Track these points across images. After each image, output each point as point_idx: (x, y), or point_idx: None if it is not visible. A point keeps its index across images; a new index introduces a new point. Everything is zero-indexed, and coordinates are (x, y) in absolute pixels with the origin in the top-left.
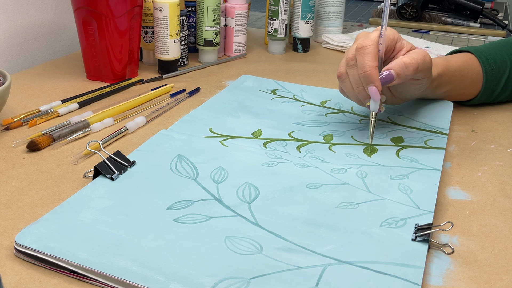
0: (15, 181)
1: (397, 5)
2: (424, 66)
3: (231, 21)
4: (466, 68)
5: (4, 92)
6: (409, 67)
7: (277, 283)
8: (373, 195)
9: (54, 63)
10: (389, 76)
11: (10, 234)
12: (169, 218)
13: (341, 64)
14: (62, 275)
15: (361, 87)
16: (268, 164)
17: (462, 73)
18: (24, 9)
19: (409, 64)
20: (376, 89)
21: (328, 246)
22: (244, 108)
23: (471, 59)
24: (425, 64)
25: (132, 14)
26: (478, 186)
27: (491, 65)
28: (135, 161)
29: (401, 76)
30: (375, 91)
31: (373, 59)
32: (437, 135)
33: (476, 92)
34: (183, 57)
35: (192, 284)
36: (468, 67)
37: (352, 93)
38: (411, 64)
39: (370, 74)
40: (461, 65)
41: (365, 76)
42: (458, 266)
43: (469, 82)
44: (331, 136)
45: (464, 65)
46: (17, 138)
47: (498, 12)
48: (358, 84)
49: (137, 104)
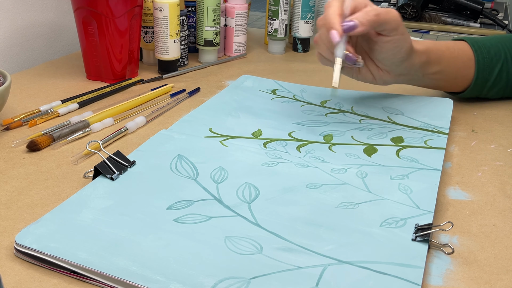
0: (15, 181)
1: (397, 5)
2: (387, 16)
3: (231, 21)
4: (456, 51)
5: (4, 92)
6: (369, 12)
7: (277, 283)
8: (373, 195)
9: (54, 63)
10: (352, 24)
11: (10, 234)
12: (169, 218)
13: None
14: (62, 275)
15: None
16: (268, 164)
17: (452, 54)
18: (24, 9)
19: (370, 11)
20: (335, 32)
21: (328, 246)
22: (244, 108)
23: (463, 44)
24: (388, 14)
25: (132, 14)
26: (478, 186)
27: (484, 54)
28: (135, 161)
29: (364, 22)
30: (334, 34)
31: (336, 12)
32: (437, 134)
33: (469, 78)
34: (183, 57)
35: (192, 284)
36: (459, 50)
37: (326, 53)
38: (372, 10)
39: (331, 21)
40: (450, 47)
41: (327, 23)
42: (458, 266)
43: (460, 65)
44: (331, 136)
45: (454, 47)
46: (17, 138)
47: (498, 12)
48: (328, 38)
49: (137, 104)
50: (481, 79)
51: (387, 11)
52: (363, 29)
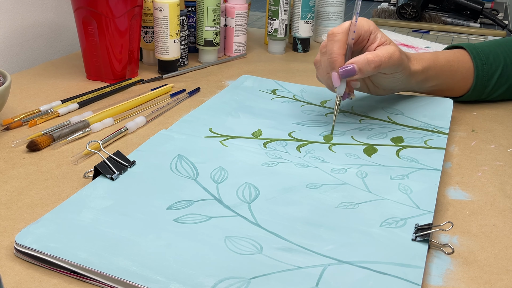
0: (15, 181)
1: (397, 5)
2: (388, 63)
3: (231, 21)
4: (455, 63)
5: (4, 92)
6: (371, 63)
7: (277, 283)
8: (373, 195)
9: (54, 63)
10: (351, 70)
11: (10, 234)
12: (169, 218)
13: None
14: (62, 275)
15: (330, 73)
16: (268, 164)
17: (452, 68)
18: (24, 9)
19: (371, 61)
20: (336, 75)
21: (328, 246)
22: (244, 108)
23: (463, 54)
24: (390, 61)
25: (132, 14)
26: (478, 186)
27: (483, 60)
28: (135, 161)
29: (363, 71)
30: (335, 77)
31: (340, 47)
32: (437, 134)
33: (467, 87)
34: (183, 57)
35: (192, 284)
36: (458, 62)
37: (324, 79)
38: (373, 62)
39: (334, 61)
40: (450, 60)
41: (330, 62)
42: (458, 266)
43: (459, 78)
44: (331, 136)
45: (454, 59)
46: (17, 138)
47: (498, 12)
48: (327, 70)
49: (137, 104)
50: (480, 86)
51: (390, 57)
52: (361, 76)
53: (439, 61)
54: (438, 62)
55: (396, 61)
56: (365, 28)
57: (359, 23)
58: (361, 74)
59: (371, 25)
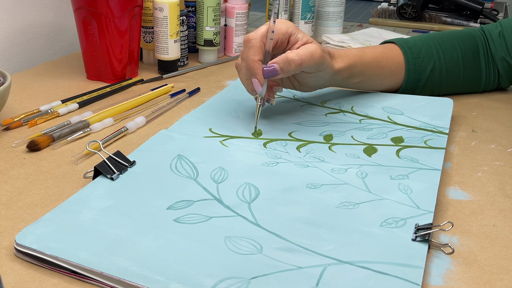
0: (15, 181)
1: (397, 5)
2: (310, 62)
3: (231, 21)
4: (384, 59)
5: (4, 92)
6: (291, 63)
7: (277, 283)
8: (373, 195)
9: (54, 63)
10: (273, 70)
11: (10, 234)
12: (169, 218)
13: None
14: (62, 275)
15: (249, 80)
16: (268, 164)
17: (379, 64)
18: (24, 9)
19: (291, 60)
20: (257, 81)
21: (328, 246)
22: (244, 108)
23: (393, 50)
24: (311, 60)
25: (132, 14)
26: (478, 186)
27: (415, 54)
28: (135, 161)
29: (284, 70)
30: (256, 83)
31: (256, 53)
32: (437, 134)
33: (399, 83)
34: (183, 57)
35: (192, 284)
36: (387, 58)
37: (245, 83)
38: (294, 61)
39: (252, 67)
40: (378, 56)
41: (248, 69)
42: (458, 266)
43: (386, 73)
44: (331, 136)
45: (382, 56)
46: (17, 138)
47: (498, 12)
48: (247, 76)
49: (137, 104)
50: (413, 80)
51: (311, 55)
52: (284, 75)
53: (365, 57)
54: (365, 58)
55: (317, 59)
56: (283, 30)
57: (276, 26)
58: (283, 74)
59: (290, 26)
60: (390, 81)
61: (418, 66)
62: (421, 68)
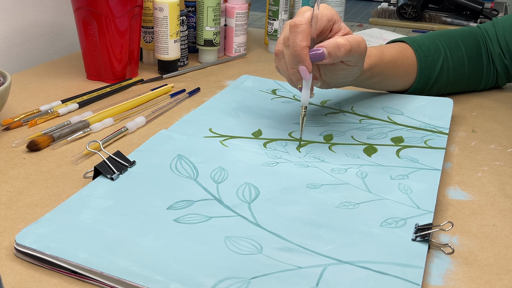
0: (15, 181)
1: (397, 5)
2: (357, 51)
3: (231, 21)
4: (400, 59)
5: (4, 92)
6: (341, 48)
7: (277, 283)
8: (373, 195)
9: (54, 63)
10: (320, 54)
11: (10, 234)
12: (169, 218)
13: (278, 41)
14: (62, 275)
15: (295, 68)
16: (268, 164)
17: (396, 64)
18: (24, 9)
19: (342, 45)
20: (305, 68)
21: (328, 246)
22: (244, 108)
23: (406, 49)
24: (359, 49)
25: (132, 14)
26: (478, 186)
27: (425, 52)
28: (135, 161)
29: (332, 55)
30: (304, 71)
31: (304, 38)
32: (437, 134)
33: (411, 82)
34: (183, 57)
35: (192, 284)
36: (402, 58)
37: (286, 73)
38: (344, 46)
39: (300, 54)
40: (395, 56)
41: (295, 56)
42: (458, 266)
43: (402, 73)
44: (331, 136)
45: (398, 56)
46: (17, 138)
47: (498, 12)
48: (292, 65)
49: (137, 104)
50: (424, 78)
51: (358, 45)
52: (330, 61)
53: (384, 58)
54: (384, 59)
55: (364, 50)
56: (328, 17)
57: (321, 11)
58: (330, 59)
59: (334, 14)
60: (405, 81)
61: (428, 65)
62: (431, 67)
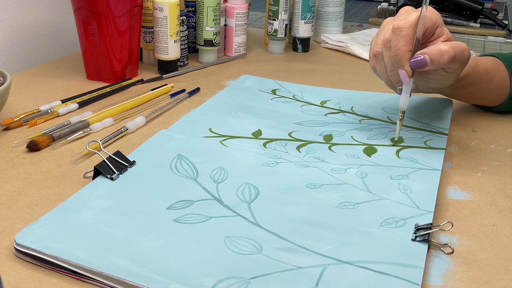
0: (15, 181)
1: (397, 5)
2: (461, 59)
3: (231, 21)
4: (492, 71)
5: (4, 92)
6: (444, 55)
7: (277, 283)
8: (373, 195)
9: (54, 63)
10: (422, 61)
11: (10, 234)
12: (169, 218)
13: (376, 42)
14: (62, 275)
15: (394, 70)
16: (268, 164)
17: (488, 76)
18: (24, 9)
19: (445, 52)
20: (405, 72)
21: (328, 246)
22: (244, 108)
23: (498, 62)
24: (462, 57)
25: (132, 14)
26: (478, 186)
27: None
28: (135, 161)
29: (435, 62)
30: (404, 75)
31: (407, 43)
32: (437, 135)
33: (503, 97)
34: (183, 57)
35: (192, 284)
36: (495, 71)
37: (385, 75)
38: (448, 52)
39: (401, 58)
40: (487, 68)
41: (397, 60)
42: (458, 266)
43: (495, 86)
44: (331, 136)
45: (491, 68)
46: (17, 138)
47: (498, 12)
48: (392, 67)
49: (137, 104)
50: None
51: (462, 52)
52: (432, 68)
53: (478, 68)
54: (477, 69)
55: (467, 57)
56: (433, 20)
57: (427, 15)
58: (433, 66)
59: (438, 17)
60: (496, 95)
61: None
62: None
